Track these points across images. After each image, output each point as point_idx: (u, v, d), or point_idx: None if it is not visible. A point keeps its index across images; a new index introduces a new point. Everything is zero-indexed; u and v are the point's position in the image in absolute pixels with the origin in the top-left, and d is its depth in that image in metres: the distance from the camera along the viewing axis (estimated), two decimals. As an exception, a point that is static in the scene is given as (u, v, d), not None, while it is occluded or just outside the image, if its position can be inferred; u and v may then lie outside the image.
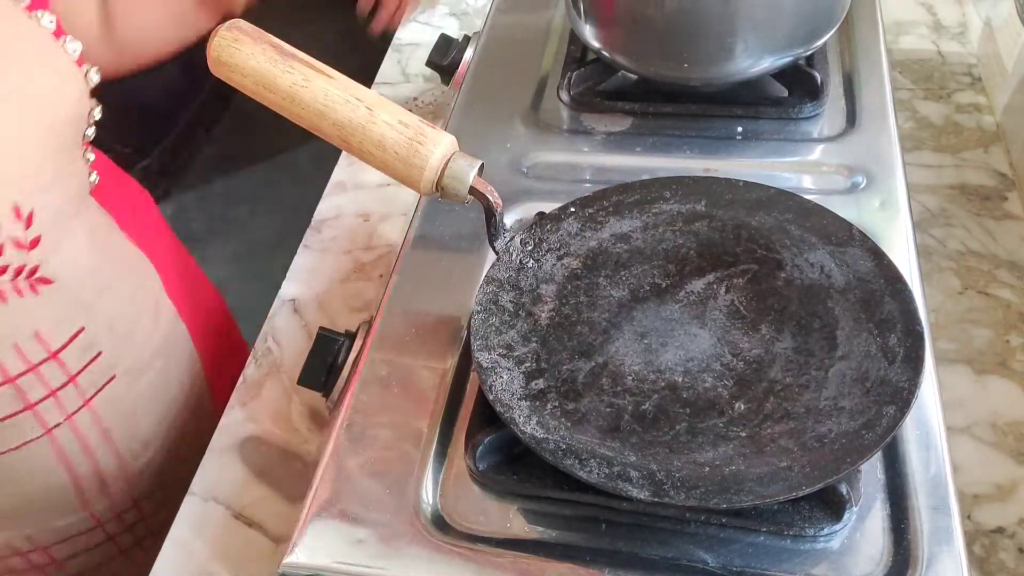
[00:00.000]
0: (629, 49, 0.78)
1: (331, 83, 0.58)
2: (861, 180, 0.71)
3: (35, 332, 0.67)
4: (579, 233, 0.66)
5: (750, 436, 0.53)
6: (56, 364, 0.69)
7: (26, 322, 0.66)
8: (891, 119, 0.75)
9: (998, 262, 0.77)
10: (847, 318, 0.58)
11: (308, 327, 0.78)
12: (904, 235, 0.66)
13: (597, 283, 0.64)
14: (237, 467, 0.68)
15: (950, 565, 0.50)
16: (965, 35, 0.99)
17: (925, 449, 0.54)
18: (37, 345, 0.67)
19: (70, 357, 0.70)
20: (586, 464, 0.52)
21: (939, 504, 0.52)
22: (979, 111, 0.90)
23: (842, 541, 0.51)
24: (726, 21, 0.72)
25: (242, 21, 0.59)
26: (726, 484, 0.50)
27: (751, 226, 0.65)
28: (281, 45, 0.59)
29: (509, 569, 0.52)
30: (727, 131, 0.77)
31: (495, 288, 0.63)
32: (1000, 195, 0.82)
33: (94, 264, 0.71)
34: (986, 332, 0.72)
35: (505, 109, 0.81)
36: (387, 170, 0.58)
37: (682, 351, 0.59)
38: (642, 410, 0.56)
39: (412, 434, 0.59)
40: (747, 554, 0.51)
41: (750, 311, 0.60)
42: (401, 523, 0.54)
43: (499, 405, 0.55)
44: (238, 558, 0.62)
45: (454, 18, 1.11)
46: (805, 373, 0.56)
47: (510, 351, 0.59)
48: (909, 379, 0.53)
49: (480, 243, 0.68)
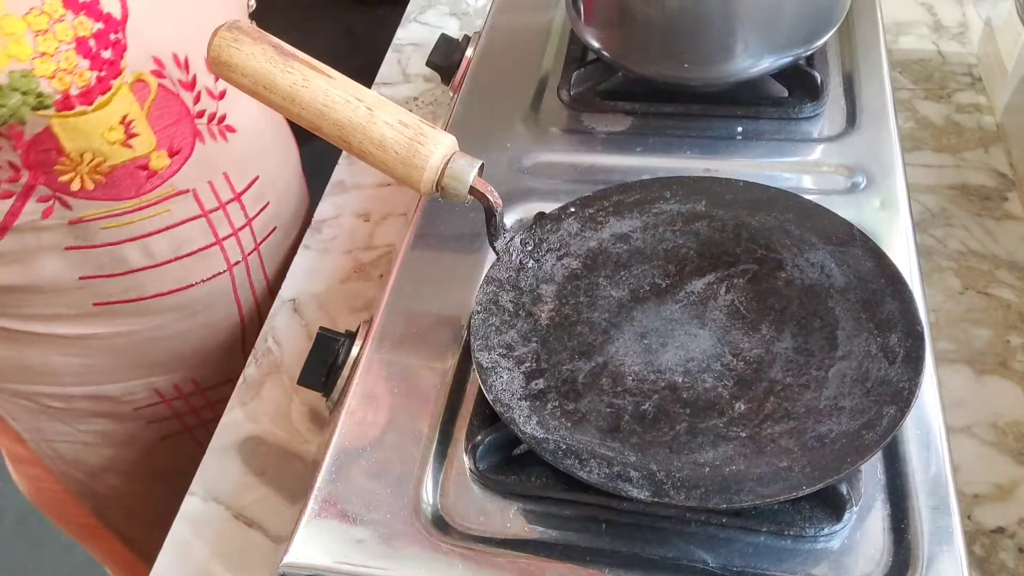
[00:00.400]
0: (629, 49, 0.78)
1: (331, 83, 0.58)
2: (861, 180, 0.71)
3: (224, 173, 0.78)
4: (579, 233, 0.66)
5: (750, 436, 0.53)
6: (238, 205, 0.81)
7: (219, 163, 0.78)
8: (891, 119, 0.75)
9: (998, 262, 0.77)
10: (847, 318, 0.58)
11: (308, 327, 0.78)
12: (904, 235, 0.66)
13: (597, 283, 0.64)
14: (237, 467, 0.68)
15: (950, 565, 0.49)
16: (965, 35, 0.99)
17: (925, 449, 0.54)
18: (226, 185, 0.79)
19: (248, 201, 0.82)
20: (586, 464, 0.52)
21: (939, 504, 0.52)
22: (979, 111, 0.90)
23: (842, 541, 0.51)
24: (726, 21, 0.72)
25: (242, 21, 0.59)
26: (726, 484, 0.50)
27: (751, 226, 0.65)
28: (281, 45, 0.59)
29: (509, 569, 0.52)
30: (727, 131, 0.77)
31: (495, 288, 0.63)
32: (1000, 195, 0.82)
33: (261, 121, 0.82)
34: (986, 332, 0.72)
35: (505, 109, 0.81)
36: (387, 170, 0.58)
37: (682, 351, 0.59)
38: (642, 410, 0.56)
39: (412, 434, 0.59)
40: (747, 554, 0.51)
41: (750, 311, 0.60)
42: (401, 523, 0.54)
43: (499, 405, 0.55)
44: (238, 558, 0.62)
45: (454, 18, 1.11)
46: (805, 373, 0.56)
47: (510, 351, 0.59)
48: (909, 379, 0.53)
49: (480, 243, 0.68)
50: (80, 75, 0.64)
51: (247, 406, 0.72)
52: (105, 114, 0.67)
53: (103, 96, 0.66)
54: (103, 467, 0.91)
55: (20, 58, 0.61)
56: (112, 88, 0.66)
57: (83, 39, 0.63)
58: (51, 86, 0.63)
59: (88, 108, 0.66)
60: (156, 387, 0.87)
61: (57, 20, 0.61)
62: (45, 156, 0.67)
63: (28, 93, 0.62)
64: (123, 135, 0.69)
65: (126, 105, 0.68)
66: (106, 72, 0.65)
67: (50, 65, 0.62)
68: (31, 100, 0.63)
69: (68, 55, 0.63)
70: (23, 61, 0.61)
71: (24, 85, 0.62)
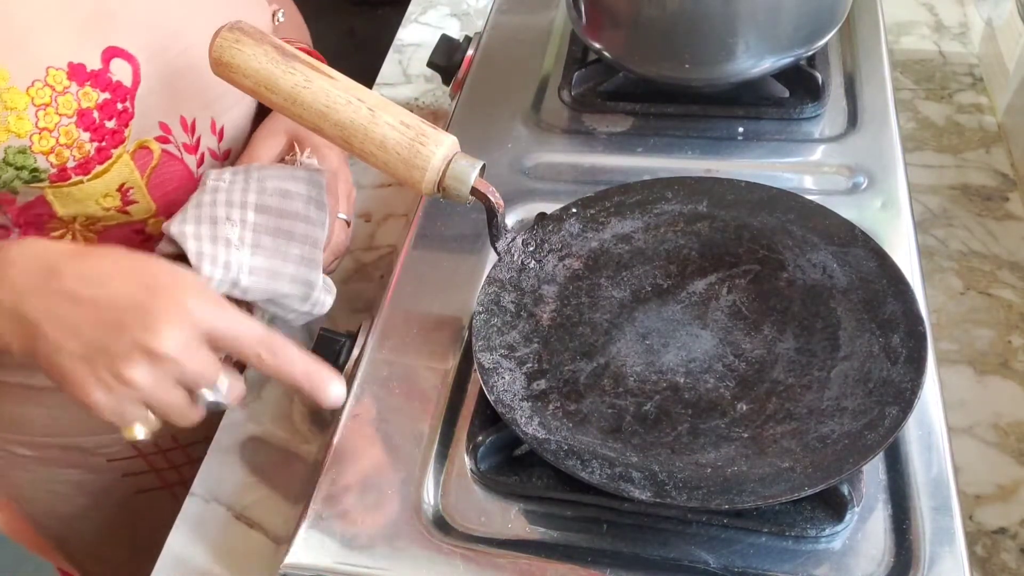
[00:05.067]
0: (630, 50, 0.78)
1: (333, 84, 0.58)
2: (862, 180, 0.71)
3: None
4: (580, 234, 0.66)
5: (752, 437, 0.53)
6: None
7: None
8: (892, 119, 0.75)
9: (1000, 262, 0.77)
10: (849, 319, 0.58)
11: (309, 327, 0.78)
12: (906, 235, 0.66)
13: (599, 284, 0.64)
14: (238, 468, 0.67)
15: (952, 566, 0.49)
16: (966, 35, 0.99)
17: (927, 450, 0.54)
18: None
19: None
20: (588, 465, 0.52)
21: (941, 504, 0.52)
22: (980, 111, 0.90)
23: (844, 542, 0.51)
24: (727, 22, 0.72)
25: (243, 22, 0.59)
26: (728, 485, 0.50)
27: (753, 227, 0.65)
28: (283, 46, 0.59)
29: (510, 570, 0.52)
30: (728, 131, 0.77)
31: (497, 289, 0.62)
32: (1002, 195, 0.82)
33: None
34: (988, 332, 0.72)
35: (506, 110, 0.81)
36: (389, 171, 0.58)
37: (684, 352, 0.59)
38: (644, 411, 0.56)
39: (413, 435, 0.59)
40: (749, 555, 0.51)
41: (752, 312, 0.60)
42: (402, 524, 0.54)
43: (500, 406, 0.55)
44: (239, 559, 0.62)
45: (455, 19, 1.11)
46: (807, 374, 0.56)
47: (512, 352, 0.59)
48: (911, 380, 0.53)
49: (481, 244, 0.68)
50: (79, 147, 0.61)
51: (248, 407, 0.72)
52: (102, 183, 0.64)
53: (101, 166, 0.63)
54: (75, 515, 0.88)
55: (19, 134, 0.58)
56: (112, 157, 0.63)
57: (86, 111, 0.60)
58: (47, 161, 0.60)
59: (85, 178, 0.63)
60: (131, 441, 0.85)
61: (60, 92, 0.59)
62: (37, 219, 0.65)
63: (23, 168, 0.60)
64: (119, 202, 0.66)
65: (126, 173, 0.65)
66: (107, 142, 0.62)
67: (48, 141, 0.59)
68: (25, 175, 0.60)
69: (68, 129, 0.60)
70: (22, 137, 0.58)
71: (20, 161, 0.59)
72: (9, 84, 0.57)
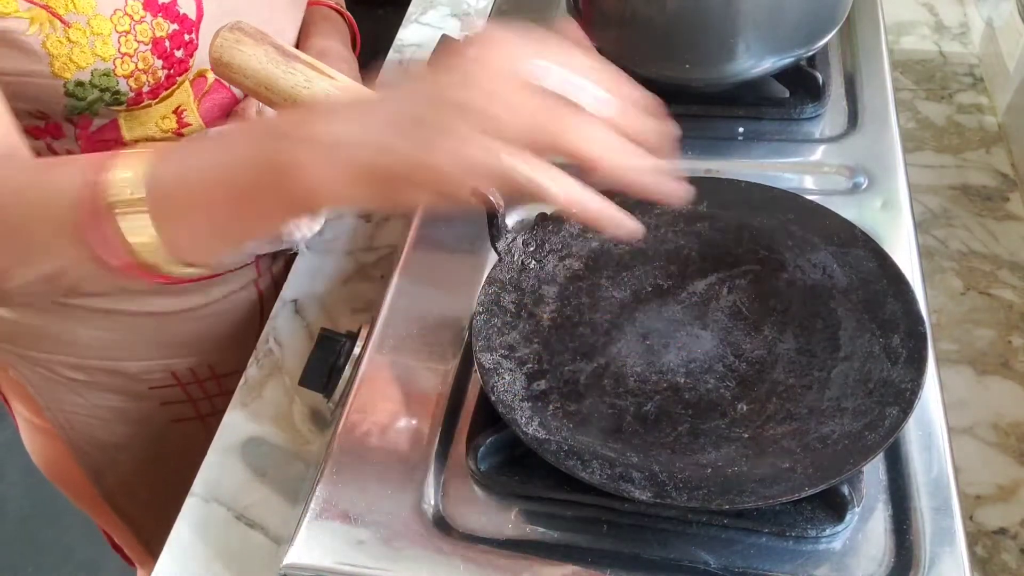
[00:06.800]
0: (630, 50, 0.78)
1: (333, 84, 0.58)
2: (863, 181, 0.71)
3: None
4: (581, 234, 0.66)
5: (752, 437, 0.53)
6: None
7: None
8: (893, 119, 0.75)
9: (1000, 263, 0.77)
10: (850, 319, 0.58)
11: (310, 328, 0.78)
12: (906, 236, 0.66)
13: (599, 284, 0.64)
14: (238, 468, 0.67)
15: (952, 566, 0.49)
16: (967, 35, 0.99)
17: (927, 450, 0.54)
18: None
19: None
20: (588, 465, 0.52)
21: (941, 505, 0.52)
22: (981, 111, 0.90)
23: (844, 542, 0.51)
24: (727, 22, 0.72)
25: (244, 22, 0.59)
26: (728, 485, 0.50)
27: (753, 227, 0.65)
28: (283, 46, 0.59)
29: (511, 570, 0.52)
30: (728, 132, 0.76)
31: (497, 289, 0.62)
32: (1002, 195, 0.82)
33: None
34: (988, 333, 0.72)
35: (506, 110, 0.81)
36: (389, 171, 0.58)
37: (684, 352, 0.59)
38: (644, 411, 0.56)
39: (414, 435, 0.59)
40: (749, 555, 0.51)
41: (752, 312, 0.60)
42: (402, 524, 0.54)
43: (501, 406, 0.55)
44: (239, 559, 0.62)
45: (455, 19, 1.11)
46: (808, 374, 0.56)
47: (512, 352, 0.59)
48: (912, 380, 0.53)
49: (482, 244, 0.68)
50: (153, 73, 0.66)
51: (248, 407, 0.72)
52: (164, 106, 0.70)
53: (167, 91, 0.69)
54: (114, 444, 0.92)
55: (104, 57, 0.63)
56: (176, 84, 0.69)
57: (159, 40, 0.66)
58: (127, 84, 0.65)
59: (153, 101, 0.69)
60: (173, 369, 0.88)
61: (138, 21, 0.64)
62: (103, 145, 0.70)
63: (107, 91, 0.65)
64: (175, 124, 0.72)
65: (183, 97, 0.71)
66: (175, 70, 0.68)
67: (129, 65, 0.65)
68: (107, 97, 0.66)
69: (145, 55, 0.65)
70: (106, 61, 0.64)
71: (104, 83, 0.65)
72: (96, 11, 0.62)
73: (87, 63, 0.63)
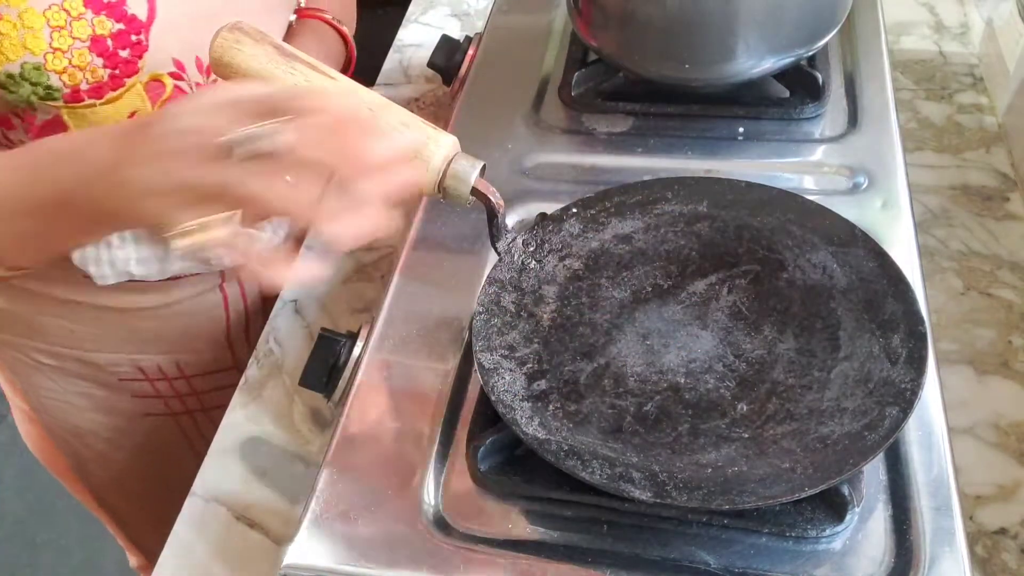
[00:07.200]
0: (630, 50, 0.78)
1: (333, 84, 0.58)
2: (863, 180, 0.71)
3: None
4: (581, 234, 0.66)
5: (752, 437, 0.53)
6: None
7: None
8: (893, 119, 0.75)
9: (1000, 263, 0.77)
10: (849, 319, 0.58)
11: (310, 328, 0.78)
12: (906, 235, 0.66)
13: (599, 284, 0.64)
14: (239, 468, 0.68)
15: (952, 566, 0.49)
16: (967, 35, 0.99)
17: (927, 450, 0.54)
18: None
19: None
20: (588, 465, 0.52)
21: (941, 505, 0.52)
22: (981, 111, 0.90)
23: (844, 542, 0.51)
24: (727, 22, 0.72)
25: (243, 22, 0.59)
26: (728, 485, 0.50)
27: (753, 227, 0.65)
28: (283, 46, 0.58)
29: (511, 570, 0.52)
30: (728, 132, 0.76)
31: (497, 289, 0.62)
32: (1002, 195, 0.82)
33: None
34: (988, 333, 0.72)
35: (506, 110, 0.81)
36: (389, 171, 0.58)
37: (684, 352, 0.59)
38: (644, 411, 0.56)
39: (414, 435, 0.59)
40: (749, 555, 0.51)
41: (752, 312, 0.60)
42: (402, 524, 0.54)
43: (501, 406, 0.55)
44: (239, 559, 0.62)
45: (455, 19, 1.11)
46: (807, 374, 0.56)
47: (512, 352, 0.59)
48: (912, 380, 0.53)
49: (482, 244, 0.68)
50: (92, 71, 0.65)
51: (248, 407, 0.72)
52: (114, 108, 0.68)
53: (114, 92, 0.68)
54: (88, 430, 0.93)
55: (34, 51, 0.63)
56: (125, 86, 0.68)
57: (100, 38, 0.65)
58: (60, 80, 0.65)
59: (97, 102, 0.67)
60: (139, 364, 0.88)
61: (75, 18, 0.64)
62: None
63: (38, 85, 0.65)
64: None
65: (137, 102, 0.69)
66: (120, 71, 0.67)
67: (61, 61, 0.64)
68: (40, 91, 0.65)
69: (81, 52, 0.64)
70: (36, 55, 0.63)
71: (34, 77, 0.64)
72: (27, 5, 0.62)
73: (16, 56, 0.63)
